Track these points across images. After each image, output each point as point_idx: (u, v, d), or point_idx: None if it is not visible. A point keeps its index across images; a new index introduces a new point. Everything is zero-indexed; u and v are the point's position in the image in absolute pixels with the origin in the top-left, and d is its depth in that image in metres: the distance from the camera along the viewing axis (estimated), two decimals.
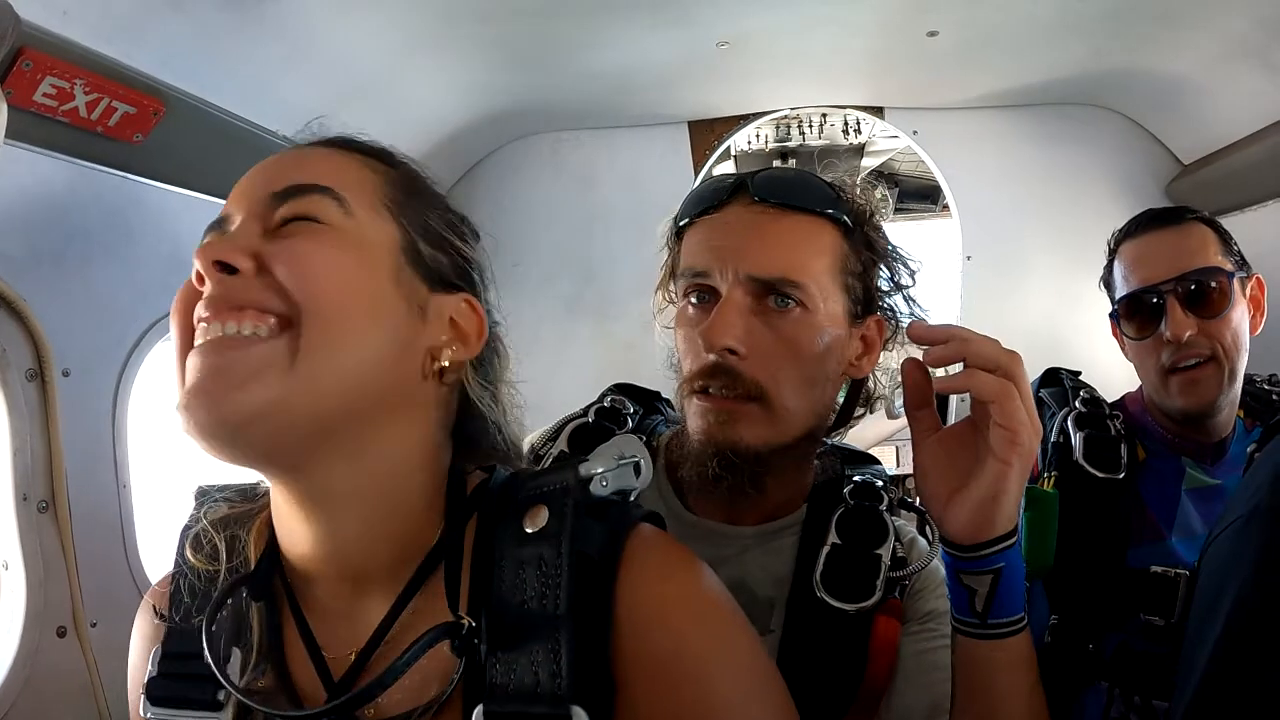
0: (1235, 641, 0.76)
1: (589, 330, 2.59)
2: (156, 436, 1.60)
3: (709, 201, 1.00)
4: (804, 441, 1.01)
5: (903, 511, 1.07)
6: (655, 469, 1.08)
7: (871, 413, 1.11)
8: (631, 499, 0.72)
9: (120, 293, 1.44)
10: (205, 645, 0.68)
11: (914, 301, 1.07)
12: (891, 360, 1.07)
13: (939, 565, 1.02)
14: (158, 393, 1.56)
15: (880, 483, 1.03)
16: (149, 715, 0.71)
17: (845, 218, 0.99)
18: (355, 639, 0.69)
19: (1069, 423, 1.50)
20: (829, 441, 1.11)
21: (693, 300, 0.99)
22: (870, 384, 1.08)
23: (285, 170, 0.69)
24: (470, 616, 0.65)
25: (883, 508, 1.00)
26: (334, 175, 0.69)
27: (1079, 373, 1.70)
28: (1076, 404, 1.53)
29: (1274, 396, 1.51)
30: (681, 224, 1.03)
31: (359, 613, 0.70)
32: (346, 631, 0.69)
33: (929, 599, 0.98)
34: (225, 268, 0.63)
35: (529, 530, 0.67)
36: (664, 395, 1.25)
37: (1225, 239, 1.45)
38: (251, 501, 0.77)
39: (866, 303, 1.02)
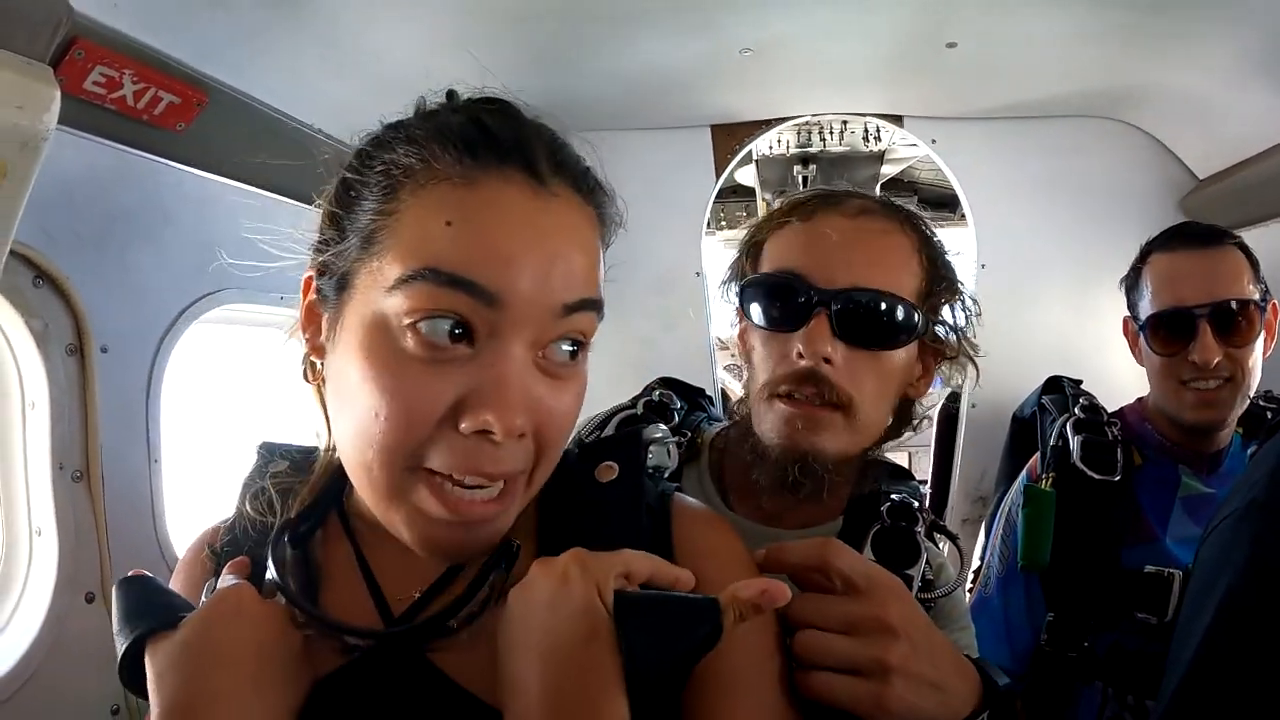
0: (1223, 634, 0.76)
1: (605, 327, 2.59)
2: (188, 416, 1.65)
3: (813, 206, 1.05)
4: (864, 454, 1.05)
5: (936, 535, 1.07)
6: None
7: (916, 432, 1.14)
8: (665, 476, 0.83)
9: (157, 275, 1.49)
10: (273, 569, 0.71)
11: (966, 336, 1.11)
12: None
13: (963, 596, 1.05)
14: (191, 373, 1.61)
15: (917, 504, 1.04)
16: None
17: (930, 247, 1.05)
18: (414, 585, 0.73)
19: (1068, 427, 1.54)
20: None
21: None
22: (919, 405, 1.12)
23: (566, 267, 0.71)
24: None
25: (918, 529, 1.00)
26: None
27: (1080, 381, 1.75)
28: (1076, 410, 1.57)
29: (1268, 414, 1.55)
30: (770, 224, 1.07)
31: (422, 562, 0.72)
32: (406, 578, 0.73)
33: (951, 629, 0.98)
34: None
35: (602, 481, 0.78)
36: (707, 392, 1.29)
37: (1255, 267, 1.47)
38: (307, 471, 0.81)
39: (929, 328, 1.06)
